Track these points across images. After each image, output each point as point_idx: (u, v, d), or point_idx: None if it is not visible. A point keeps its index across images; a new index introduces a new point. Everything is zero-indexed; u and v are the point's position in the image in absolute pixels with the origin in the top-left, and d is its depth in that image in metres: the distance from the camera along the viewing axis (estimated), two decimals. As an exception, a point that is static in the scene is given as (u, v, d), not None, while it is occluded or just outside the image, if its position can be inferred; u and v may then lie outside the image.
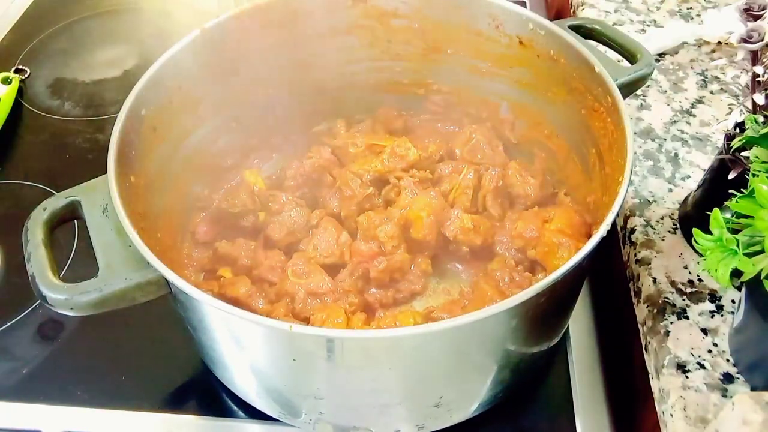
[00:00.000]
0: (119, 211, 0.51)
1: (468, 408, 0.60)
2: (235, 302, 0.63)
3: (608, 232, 0.50)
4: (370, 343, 0.49)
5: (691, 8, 0.95)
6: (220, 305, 0.46)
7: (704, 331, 0.58)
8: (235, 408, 0.65)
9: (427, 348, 0.50)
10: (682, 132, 0.77)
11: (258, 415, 0.63)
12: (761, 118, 0.50)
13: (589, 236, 0.62)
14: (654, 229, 0.67)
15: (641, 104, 0.81)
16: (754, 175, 0.46)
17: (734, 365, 0.55)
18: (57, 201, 0.55)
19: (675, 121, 0.78)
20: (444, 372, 0.53)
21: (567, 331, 0.70)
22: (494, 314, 0.46)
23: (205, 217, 0.74)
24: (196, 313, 0.52)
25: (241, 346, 0.53)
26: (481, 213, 0.73)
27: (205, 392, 0.66)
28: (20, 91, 1.01)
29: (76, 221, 0.57)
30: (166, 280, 0.49)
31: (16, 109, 0.98)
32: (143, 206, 0.60)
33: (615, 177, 0.56)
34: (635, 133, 0.77)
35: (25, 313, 0.73)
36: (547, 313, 0.55)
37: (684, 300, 0.60)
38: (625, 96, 0.60)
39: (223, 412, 0.65)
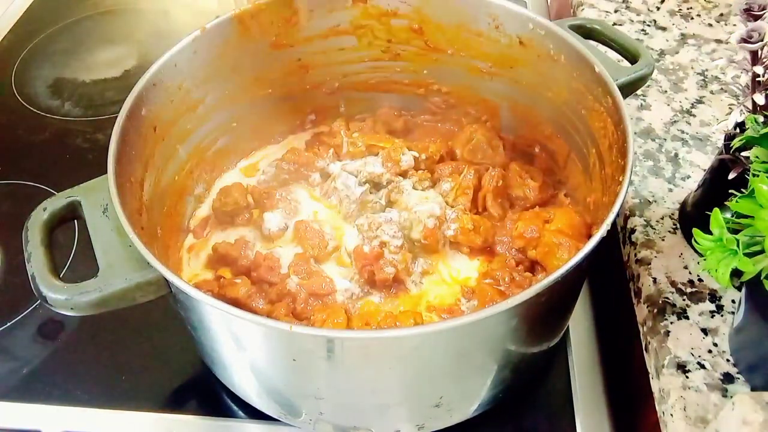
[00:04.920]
0: (119, 211, 0.51)
1: (468, 408, 0.60)
2: (236, 303, 0.63)
3: (608, 232, 0.49)
4: (370, 343, 0.48)
5: (691, 8, 0.95)
6: (220, 305, 0.46)
7: (704, 331, 0.58)
8: (235, 408, 0.65)
9: (427, 348, 0.49)
10: (682, 132, 0.77)
11: (258, 415, 0.63)
12: (761, 118, 0.50)
13: (589, 236, 0.62)
14: (654, 229, 0.67)
15: (641, 104, 0.81)
16: (754, 175, 0.46)
17: (734, 365, 0.55)
18: (57, 201, 0.55)
19: (675, 121, 0.78)
20: (444, 372, 0.53)
21: (567, 331, 0.70)
22: (494, 314, 0.46)
23: (204, 217, 0.74)
24: (196, 313, 0.52)
25: (241, 346, 0.53)
26: (481, 213, 0.73)
27: (205, 392, 0.66)
28: (20, 91, 1.01)
29: (76, 221, 0.57)
30: (166, 280, 0.49)
31: (16, 109, 0.98)
32: (143, 206, 0.60)
33: (615, 177, 0.56)
34: (635, 133, 0.77)
35: (25, 313, 0.73)
36: (547, 313, 0.55)
37: (684, 300, 0.60)
38: (625, 96, 0.60)
39: (223, 412, 0.65)
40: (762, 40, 0.49)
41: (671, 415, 0.53)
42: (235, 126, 0.77)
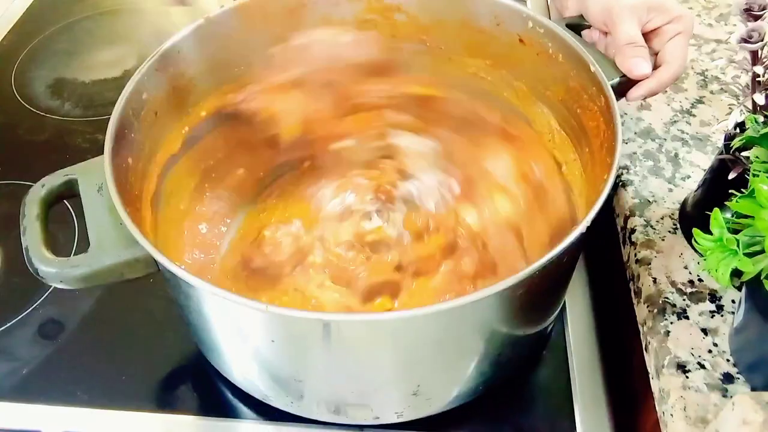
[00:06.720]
0: (112, 189, 0.51)
1: (446, 398, 0.59)
2: None
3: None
4: (361, 326, 0.48)
5: (691, 8, 0.95)
6: (194, 280, 0.46)
7: (704, 331, 0.58)
8: (236, 408, 0.65)
9: (408, 333, 0.49)
10: (682, 132, 0.77)
11: (258, 415, 0.63)
12: (761, 118, 0.50)
13: None
14: (654, 229, 0.66)
15: (641, 104, 0.80)
16: (754, 175, 0.46)
17: (734, 365, 0.55)
18: (55, 178, 0.57)
19: (675, 121, 0.78)
20: (422, 359, 0.53)
21: (566, 331, 0.70)
22: (473, 301, 0.44)
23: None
24: (182, 292, 0.53)
25: (221, 324, 0.54)
26: None
27: (206, 393, 0.66)
28: (20, 91, 1.01)
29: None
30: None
31: (16, 109, 0.98)
32: (141, 189, 0.60)
33: (602, 176, 0.56)
34: (635, 133, 0.77)
35: (25, 313, 0.73)
36: (527, 306, 0.54)
37: (684, 300, 0.60)
38: (621, 96, 0.60)
39: (224, 412, 0.65)
40: (762, 40, 0.49)
41: (671, 415, 0.53)
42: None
